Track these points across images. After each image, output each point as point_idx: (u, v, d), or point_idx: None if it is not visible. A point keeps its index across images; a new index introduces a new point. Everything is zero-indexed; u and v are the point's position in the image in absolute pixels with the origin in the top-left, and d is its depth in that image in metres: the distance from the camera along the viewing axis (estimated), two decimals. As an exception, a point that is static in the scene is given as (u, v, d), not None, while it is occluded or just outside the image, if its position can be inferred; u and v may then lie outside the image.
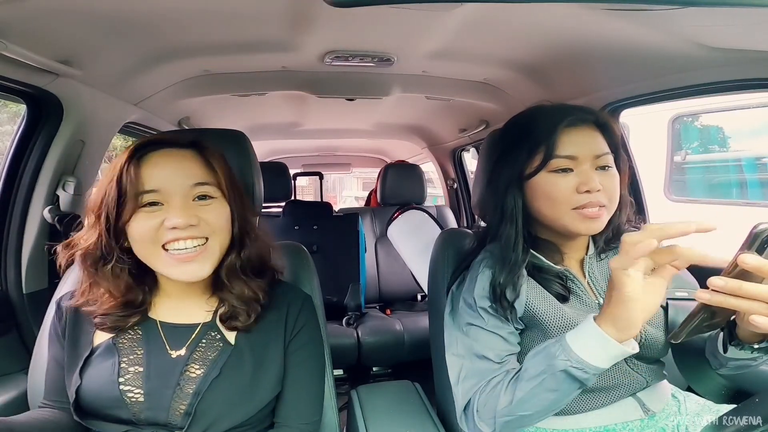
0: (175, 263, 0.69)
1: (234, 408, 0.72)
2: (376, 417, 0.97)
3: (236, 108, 2.02)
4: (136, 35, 1.05)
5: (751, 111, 2.96)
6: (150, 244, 0.69)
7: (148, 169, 0.69)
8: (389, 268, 2.51)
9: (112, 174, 0.69)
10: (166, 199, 0.69)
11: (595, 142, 0.80)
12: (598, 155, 0.78)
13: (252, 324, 0.76)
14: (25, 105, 1.15)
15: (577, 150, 0.78)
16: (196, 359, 0.73)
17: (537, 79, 1.41)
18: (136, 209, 0.68)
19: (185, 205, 0.69)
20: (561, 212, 0.79)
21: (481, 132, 2.17)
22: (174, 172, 0.70)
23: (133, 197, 0.67)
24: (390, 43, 1.25)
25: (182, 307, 0.78)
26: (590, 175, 0.77)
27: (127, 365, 0.72)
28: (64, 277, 0.95)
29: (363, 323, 2.12)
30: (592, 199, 0.76)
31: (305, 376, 0.80)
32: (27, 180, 1.19)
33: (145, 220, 0.68)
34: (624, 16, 0.89)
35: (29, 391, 0.90)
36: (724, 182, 3.45)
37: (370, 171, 5.05)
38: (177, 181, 0.69)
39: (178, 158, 0.72)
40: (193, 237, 0.69)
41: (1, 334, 1.15)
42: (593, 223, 0.78)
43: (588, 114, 0.81)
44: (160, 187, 0.68)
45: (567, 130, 0.79)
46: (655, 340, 0.81)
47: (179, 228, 0.67)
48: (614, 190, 0.79)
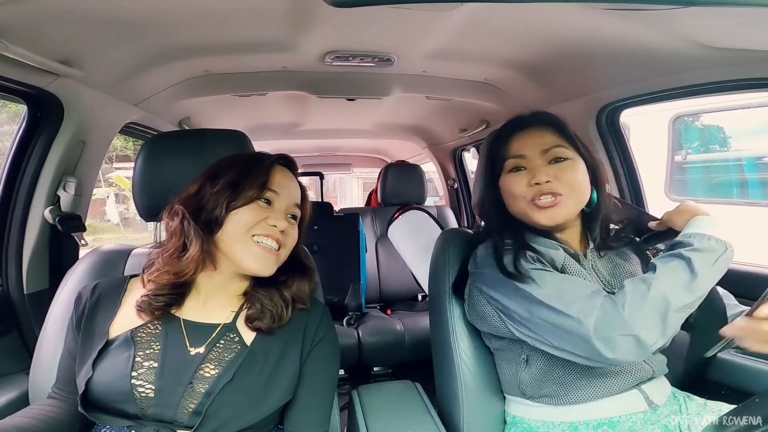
0: (260, 252, 0.77)
1: (244, 412, 0.72)
2: (377, 417, 0.97)
3: (237, 108, 2.02)
4: (137, 36, 1.05)
5: (752, 111, 2.95)
6: (245, 231, 0.77)
7: (278, 175, 0.82)
8: (390, 268, 2.51)
9: (250, 163, 0.81)
10: (276, 202, 0.81)
11: (541, 138, 0.88)
12: (545, 149, 0.87)
13: (275, 327, 0.78)
14: (25, 105, 1.16)
15: (524, 149, 0.89)
16: (212, 359, 0.74)
17: (537, 79, 1.41)
18: (254, 199, 0.78)
19: (285, 214, 0.81)
20: (522, 205, 0.88)
21: (482, 132, 2.17)
22: (291, 187, 0.84)
23: (259, 187, 0.78)
24: (390, 43, 1.25)
25: (206, 308, 0.80)
26: (538, 169, 0.86)
27: (142, 359, 0.73)
28: (65, 278, 0.95)
29: (364, 323, 2.12)
30: (543, 189, 0.85)
31: (319, 386, 0.81)
32: (28, 180, 1.19)
33: (255, 211, 0.78)
34: (624, 16, 0.89)
35: (30, 391, 0.90)
36: (724, 182, 3.44)
37: (370, 171, 5.05)
38: (290, 194, 0.83)
39: (294, 181, 0.86)
40: (278, 240, 0.79)
41: (2, 334, 1.15)
42: (550, 212, 0.86)
43: (536, 116, 0.92)
44: (280, 191, 0.81)
45: (517, 135, 0.90)
46: None
47: (277, 228, 0.78)
48: (570, 178, 0.86)
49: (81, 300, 0.81)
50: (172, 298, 0.77)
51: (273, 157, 0.84)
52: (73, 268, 0.96)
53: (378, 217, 2.62)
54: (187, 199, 0.79)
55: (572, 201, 0.86)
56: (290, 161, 0.88)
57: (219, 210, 0.76)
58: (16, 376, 1.09)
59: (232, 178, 0.78)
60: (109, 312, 0.78)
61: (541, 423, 0.87)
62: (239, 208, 0.77)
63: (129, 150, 8.75)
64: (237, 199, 0.77)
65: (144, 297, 0.77)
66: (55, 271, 1.26)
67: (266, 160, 0.82)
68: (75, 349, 0.77)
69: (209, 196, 0.77)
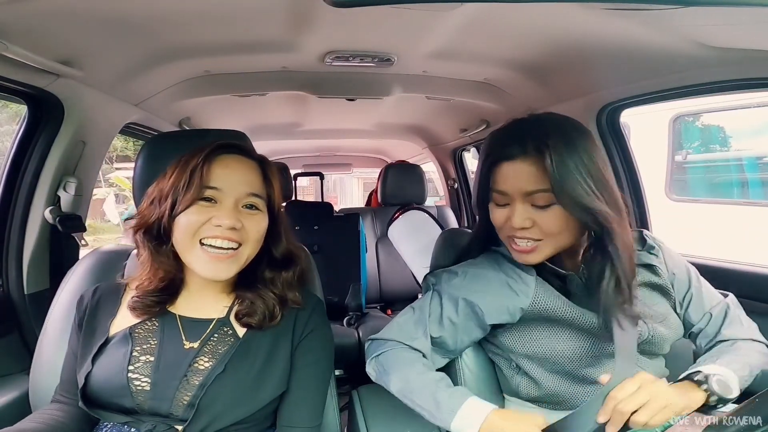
0: (207, 259, 0.73)
1: (237, 404, 0.73)
2: (377, 417, 0.97)
3: (237, 108, 2.02)
4: (137, 36, 1.05)
5: (752, 110, 2.95)
6: (190, 236, 0.73)
7: (217, 168, 0.76)
8: (390, 269, 2.51)
9: (187, 165, 0.75)
10: (220, 199, 0.75)
11: (526, 178, 0.77)
12: (528, 192, 0.77)
13: (267, 325, 0.78)
14: (25, 106, 1.16)
15: (507, 186, 0.79)
16: (206, 352, 0.75)
17: (537, 78, 1.41)
18: (194, 201, 0.73)
19: (234, 209, 0.75)
20: (503, 237, 0.85)
21: (482, 132, 2.17)
22: (237, 177, 0.76)
23: (197, 188, 0.73)
24: (390, 43, 1.25)
25: (200, 303, 0.81)
26: (517, 213, 0.78)
27: (139, 354, 0.74)
28: (65, 278, 0.95)
29: (364, 323, 2.12)
30: (518, 234, 0.80)
31: (310, 379, 0.81)
32: (28, 181, 1.19)
33: (197, 214, 0.73)
34: (624, 16, 0.89)
35: (31, 391, 0.89)
36: (725, 182, 3.44)
37: (370, 171, 5.05)
38: (235, 185, 0.76)
39: (245, 166, 0.78)
40: (230, 239, 0.74)
41: (3, 334, 1.15)
42: (525, 257, 0.81)
43: (523, 145, 0.77)
44: (220, 185, 0.75)
45: (502, 165, 0.79)
46: (661, 338, 0.82)
47: (222, 227, 0.73)
48: (550, 226, 0.77)
49: (83, 302, 0.82)
50: (162, 297, 0.79)
51: (206, 149, 0.77)
52: (73, 268, 0.96)
53: (378, 218, 2.62)
54: (141, 213, 0.78)
55: (550, 246, 0.80)
56: (234, 145, 0.80)
57: (163, 220, 0.74)
58: (17, 377, 1.09)
59: (168, 184, 0.75)
60: (109, 312, 0.79)
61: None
62: (180, 213, 0.73)
63: (129, 150, 8.77)
64: (176, 206, 0.73)
65: (135, 298, 0.78)
66: (56, 271, 1.26)
67: (198, 156, 0.75)
68: (78, 350, 0.78)
69: (151, 208, 0.76)
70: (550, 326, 0.83)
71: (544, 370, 0.84)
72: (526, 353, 0.85)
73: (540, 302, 0.82)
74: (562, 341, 0.82)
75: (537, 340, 0.83)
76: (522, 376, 0.87)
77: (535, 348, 0.84)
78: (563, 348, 0.82)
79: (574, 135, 0.77)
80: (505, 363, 0.91)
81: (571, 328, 0.82)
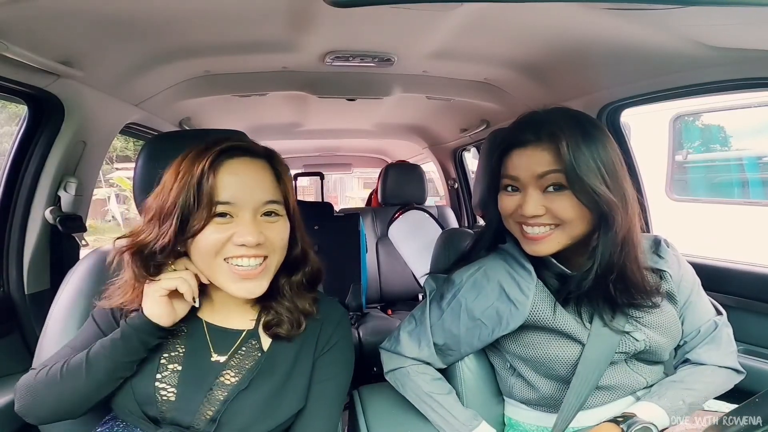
0: (236, 278, 0.69)
1: (257, 420, 0.71)
2: (378, 417, 0.97)
3: (237, 108, 2.02)
4: (137, 36, 1.05)
5: (753, 110, 2.95)
6: (213, 256, 0.68)
7: (225, 177, 0.68)
8: (390, 269, 2.51)
9: (190, 175, 0.67)
10: (236, 213, 0.68)
11: (538, 161, 0.76)
12: (540, 174, 0.76)
13: (294, 334, 0.75)
14: (26, 106, 1.16)
15: (518, 171, 0.79)
16: (233, 366, 0.73)
17: (537, 78, 1.41)
18: (209, 219, 0.67)
19: (254, 222, 0.69)
20: (511, 226, 0.83)
21: (482, 132, 2.17)
22: (249, 185, 0.69)
23: (208, 205, 0.66)
24: (390, 43, 1.25)
25: (225, 312, 0.77)
26: (529, 199, 0.77)
27: (167, 362, 0.72)
28: (66, 278, 0.95)
29: (364, 323, 2.12)
30: (530, 222, 0.78)
31: (329, 393, 0.78)
32: (28, 181, 1.19)
33: (216, 233, 0.67)
34: (624, 15, 0.89)
35: (31, 391, 0.89)
36: (725, 181, 3.44)
37: (371, 171, 5.05)
38: (250, 196, 0.69)
39: (254, 169, 0.71)
40: (257, 255, 0.69)
41: (3, 334, 1.15)
42: (536, 246, 0.79)
43: (541, 129, 0.77)
44: (234, 200, 0.68)
45: (515, 151, 0.79)
46: (659, 346, 0.82)
47: (247, 246, 0.67)
48: (564, 211, 0.76)
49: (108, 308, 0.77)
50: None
51: (208, 155, 0.68)
52: (73, 268, 0.95)
53: (378, 218, 2.62)
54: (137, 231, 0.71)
55: (564, 235, 0.78)
56: (240, 147, 0.71)
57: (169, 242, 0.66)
58: (17, 377, 1.09)
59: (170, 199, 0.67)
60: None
61: (535, 428, 0.87)
62: (196, 235, 0.67)
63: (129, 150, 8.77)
64: (187, 226, 0.66)
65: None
66: (56, 271, 1.26)
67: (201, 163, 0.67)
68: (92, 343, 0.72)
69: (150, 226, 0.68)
70: (544, 333, 0.83)
71: (538, 373, 0.85)
72: (520, 355, 0.85)
73: (536, 313, 0.82)
74: (555, 347, 0.82)
75: (531, 345, 0.83)
76: (516, 377, 0.88)
77: (529, 352, 0.84)
78: (556, 353, 0.81)
79: (589, 126, 0.78)
80: (500, 363, 0.91)
81: (563, 335, 0.82)
